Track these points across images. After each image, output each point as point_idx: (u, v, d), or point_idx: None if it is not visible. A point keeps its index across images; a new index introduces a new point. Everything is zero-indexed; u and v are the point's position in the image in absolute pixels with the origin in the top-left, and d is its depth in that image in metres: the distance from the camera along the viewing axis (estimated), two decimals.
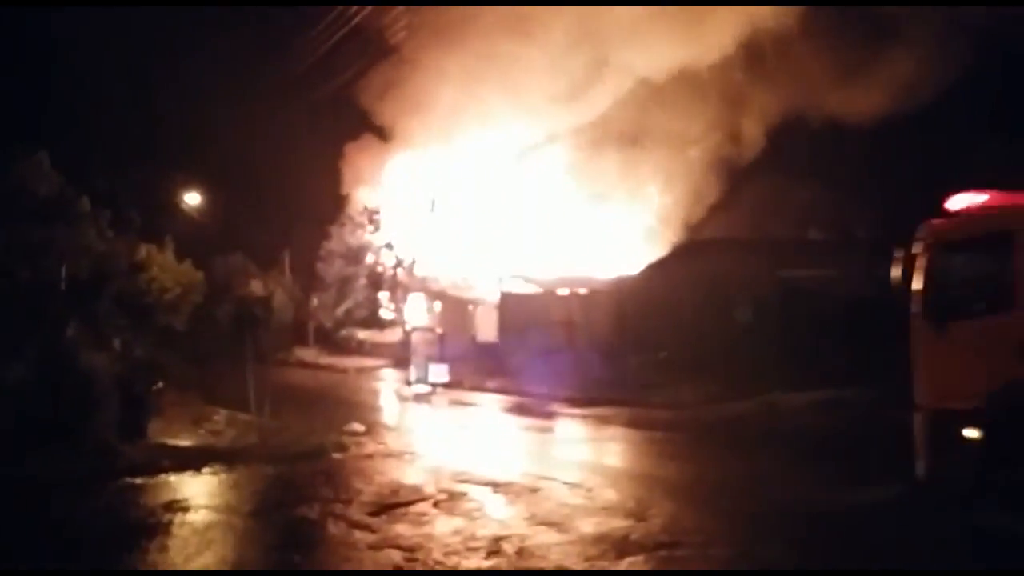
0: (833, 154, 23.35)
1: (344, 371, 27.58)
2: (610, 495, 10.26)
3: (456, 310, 27.32)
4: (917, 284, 9.67)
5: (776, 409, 16.38)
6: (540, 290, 24.54)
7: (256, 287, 36.33)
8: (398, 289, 31.99)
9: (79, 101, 31.52)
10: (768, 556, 7.98)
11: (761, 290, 20.75)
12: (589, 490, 10.50)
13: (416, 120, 28.75)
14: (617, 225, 26.93)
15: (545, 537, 8.67)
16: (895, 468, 11.15)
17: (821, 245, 22.66)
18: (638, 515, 9.30)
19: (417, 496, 10.35)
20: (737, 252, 22.03)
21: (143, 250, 20.59)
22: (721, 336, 19.84)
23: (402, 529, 9.04)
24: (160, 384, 16.31)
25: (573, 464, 12.45)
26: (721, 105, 24.68)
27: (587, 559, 7.90)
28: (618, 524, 8.99)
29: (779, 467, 11.99)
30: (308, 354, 31.70)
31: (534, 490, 10.56)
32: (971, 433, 9.03)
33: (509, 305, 24.79)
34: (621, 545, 8.32)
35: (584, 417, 16.73)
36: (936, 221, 9.82)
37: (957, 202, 9.82)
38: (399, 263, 31.60)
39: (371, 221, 32.51)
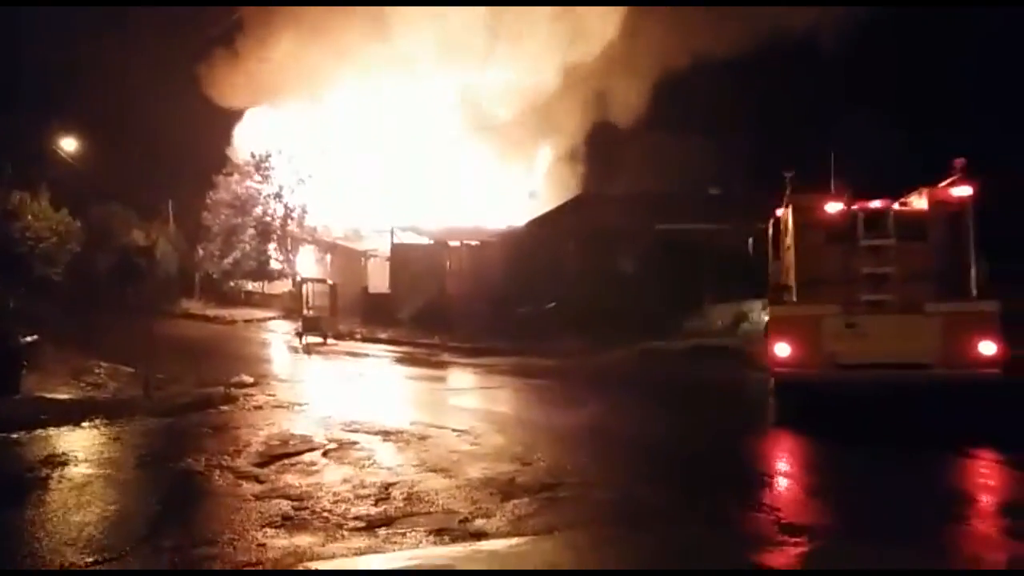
0: (710, 114, 24.14)
1: (232, 322, 27.07)
2: (497, 441, 10.55)
3: (347, 262, 27.10)
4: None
5: (652, 356, 17.05)
6: (431, 242, 24.56)
7: (138, 237, 35.21)
8: (288, 240, 31.41)
9: None
10: (645, 494, 8.41)
11: (642, 243, 21.39)
12: (477, 437, 10.76)
13: (308, 65, 28.08)
14: (506, 179, 27.12)
15: (433, 483, 8.87)
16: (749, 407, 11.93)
17: (699, 199, 23.40)
18: (523, 459, 9.60)
19: (306, 446, 10.39)
20: (620, 207, 22.56)
21: (15, 197, 19.68)
22: (604, 288, 20.41)
23: (291, 479, 9.09)
24: (36, 336, 15.75)
25: (462, 412, 12.72)
26: (601, 63, 25.02)
27: (474, 502, 8.14)
28: (504, 468, 9.26)
29: (651, 410, 12.54)
30: (194, 305, 30.94)
31: (423, 438, 10.76)
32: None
33: (400, 257, 24.74)
34: (507, 488, 8.59)
35: (474, 366, 17.00)
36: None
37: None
38: (288, 213, 30.97)
39: (259, 170, 31.67)
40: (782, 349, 10.85)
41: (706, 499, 8.16)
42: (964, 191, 10.83)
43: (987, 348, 10.22)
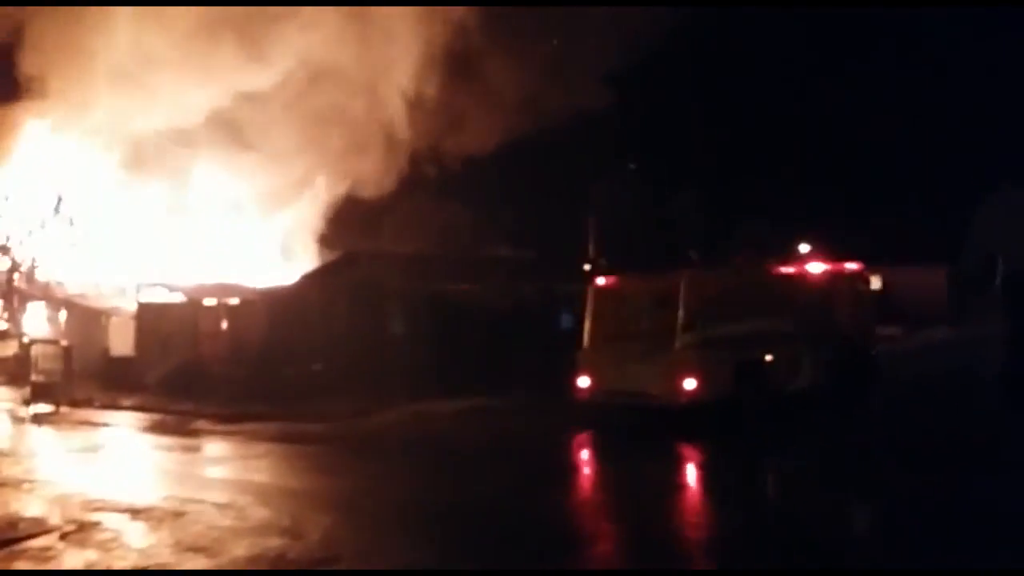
0: (470, 180, 24.93)
1: None
2: (263, 513, 9.88)
3: (85, 321, 24.73)
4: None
5: (423, 417, 16.93)
6: (184, 299, 23.05)
7: None
8: (14, 296, 28.28)
9: None
10: (425, 560, 8.18)
11: (412, 303, 21.37)
12: (240, 510, 10.03)
13: (40, 100, 25.82)
14: (264, 236, 26.24)
15: (193, 563, 8.16)
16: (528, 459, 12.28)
17: (465, 261, 23.83)
18: (293, 532, 9.07)
19: (39, 529, 9.23)
20: (389, 266, 22.45)
21: None
22: (374, 348, 20.09)
23: (22, 566, 8.02)
24: None
25: (221, 484, 11.88)
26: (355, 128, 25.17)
27: None
28: (273, 543, 8.69)
29: (422, 474, 12.38)
30: None
31: (179, 514, 9.87)
32: None
33: (148, 315, 22.94)
34: (278, 564, 8.08)
35: (232, 434, 15.97)
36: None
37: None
38: (15, 267, 27.95)
39: None
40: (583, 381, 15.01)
41: (489, 555, 8.13)
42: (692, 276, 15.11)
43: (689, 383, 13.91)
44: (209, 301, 22.47)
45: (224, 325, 21.89)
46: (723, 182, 27.66)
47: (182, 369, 20.34)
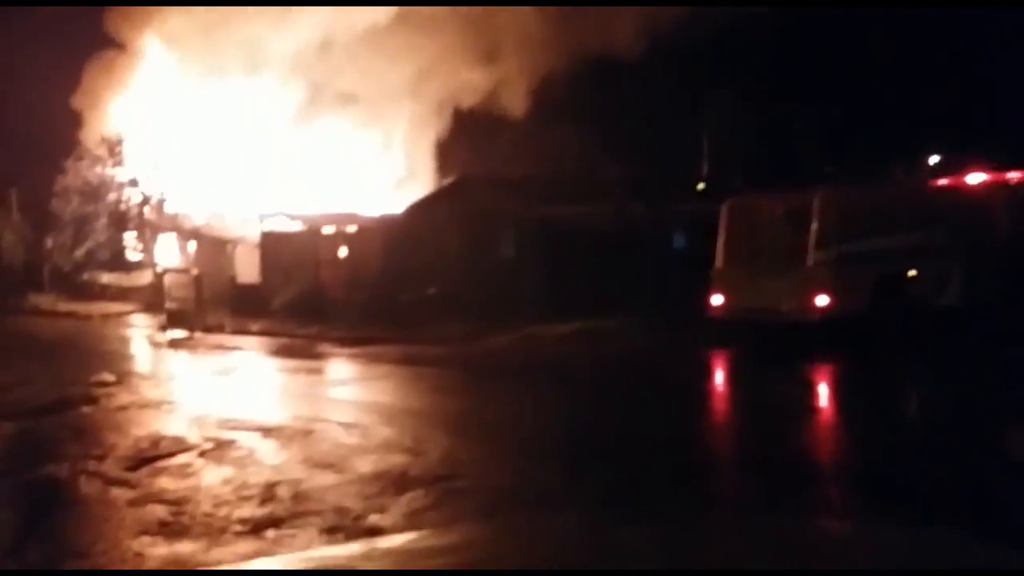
0: (587, 99, 24.35)
1: (88, 318, 25.45)
2: (386, 432, 10.23)
3: (213, 250, 25.85)
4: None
5: (536, 339, 17.06)
6: (304, 228, 23.75)
7: None
8: (146, 228, 29.76)
9: None
10: (541, 480, 8.32)
11: (523, 227, 21.37)
12: (364, 429, 10.41)
13: (161, 41, 26.63)
14: (382, 162, 26.57)
15: (321, 479, 8.52)
16: (635, 385, 12.22)
17: (577, 184, 23.58)
18: (415, 451, 9.35)
19: (180, 447, 9.80)
20: (500, 190, 22.45)
21: None
22: (486, 272, 20.29)
23: (166, 483, 8.55)
24: None
25: (346, 404, 12.32)
26: (471, 50, 24.88)
27: (366, 497, 7.85)
28: (395, 461, 9.00)
29: (538, 395, 12.53)
30: (45, 300, 28.94)
31: (307, 432, 10.32)
32: None
33: (271, 244, 23.79)
34: (400, 481, 8.34)
35: (354, 356, 16.54)
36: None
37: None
38: (146, 200, 29.35)
39: (112, 154, 29.86)
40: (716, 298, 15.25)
41: (612, 478, 8.17)
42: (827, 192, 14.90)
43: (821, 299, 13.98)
44: (328, 229, 23.10)
45: (343, 252, 22.51)
46: (844, 93, 26.21)
47: (304, 295, 21.06)
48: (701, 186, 24.94)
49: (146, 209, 29.41)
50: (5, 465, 9.54)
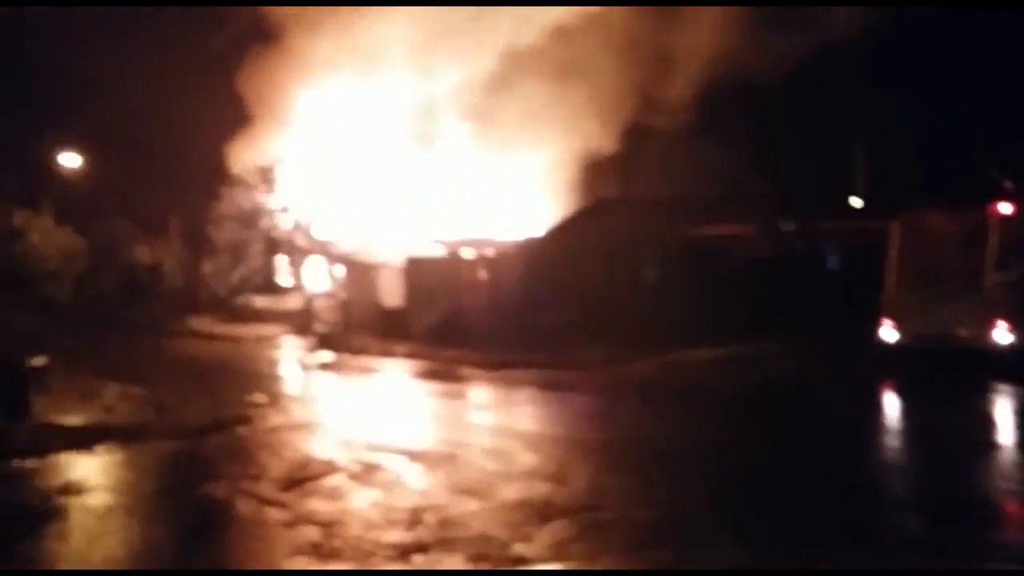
0: (730, 113, 23.63)
1: (241, 340, 26.60)
2: (529, 459, 10.10)
3: (359, 275, 26.59)
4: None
5: (681, 365, 16.60)
6: (446, 253, 24.13)
7: (143, 253, 34.88)
8: (296, 254, 30.99)
9: None
10: (689, 514, 7.99)
11: (666, 248, 20.97)
12: (507, 455, 10.31)
13: (314, 77, 27.75)
14: (521, 186, 26.72)
15: (467, 505, 8.46)
16: (793, 416, 11.59)
17: (720, 202, 22.98)
18: (558, 478, 9.18)
19: (330, 469, 9.96)
20: (642, 211, 22.15)
21: (18, 217, 19.32)
22: (627, 295, 19.97)
23: (317, 504, 8.68)
24: (44, 359, 15.34)
25: (488, 429, 12.27)
26: (617, 65, 24.59)
27: (510, 526, 7.73)
28: (539, 489, 8.84)
29: (686, 424, 12.11)
30: (202, 323, 30.45)
31: (451, 457, 10.31)
32: None
33: (415, 268, 24.27)
34: (544, 510, 8.17)
35: (495, 380, 16.54)
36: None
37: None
38: (297, 226, 30.59)
39: (266, 182, 31.30)
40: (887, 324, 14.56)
41: (764, 515, 7.76)
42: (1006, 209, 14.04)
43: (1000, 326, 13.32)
44: (469, 253, 23.37)
45: (483, 276, 22.70)
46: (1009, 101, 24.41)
47: (446, 318, 21.30)
48: (856, 202, 23.77)
49: (297, 235, 30.60)
50: (166, 483, 9.94)
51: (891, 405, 13.49)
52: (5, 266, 18.24)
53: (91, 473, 10.22)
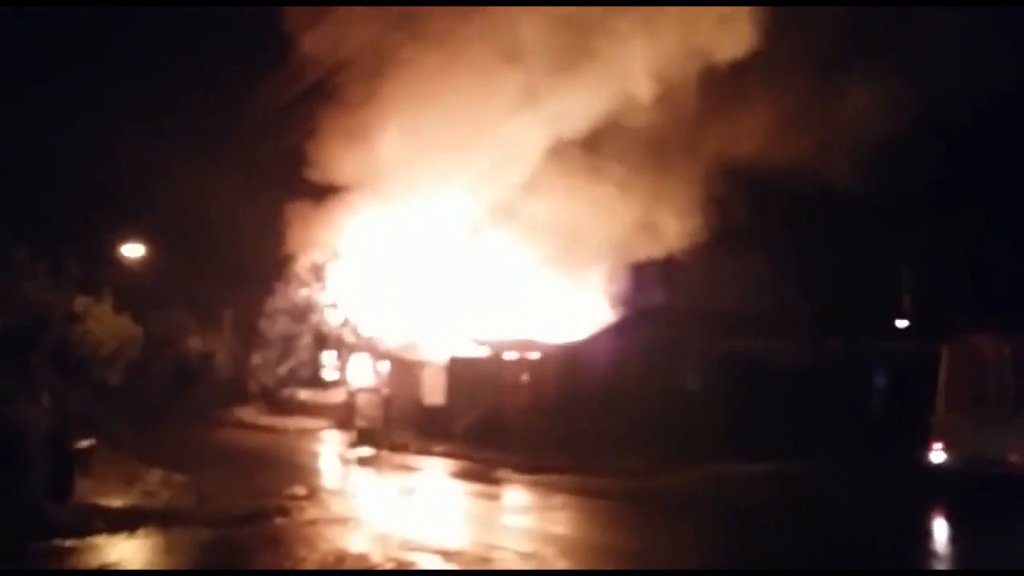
0: (771, 227, 23.79)
1: (284, 432, 26.86)
2: (563, 566, 10.02)
3: (402, 372, 26.87)
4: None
5: (720, 479, 16.34)
6: (489, 353, 24.32)
7: (195, 343, 35.66)
8: (343, 349, 31.44)
9: (16, 148, 30.90)
10: None
11: (707, 360, 20.89)
12: (542, 560, 10.24)
13: (366, 179, 28.66)
14: (565, 291, 26.98)
15: None
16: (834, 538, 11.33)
17: (762, 316, 22.94)
18: None
19: (364, 565, 9.98)
20: (683, 321, 22.17)
21: (80, 302, 19.96)
22: (667, 405, 19.81)
23: None
24: (92, 441, 15.67)
25: (523, 532, 12.18)
26: (658, 173, 25.03)
27: None
28: None
29: (721, 542, 11.88)
30: (247, 413, 30.85)
31: (485, 560, 10.26)
32: None
33: (457, 368, 24.49)
34: None
35: (532, 484, 16.45)
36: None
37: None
38: (345, 322, 31.14)
39: (318, 278, 32.07)
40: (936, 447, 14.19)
41: None
42: None
43: None
44: (511, 355, 23.52)
45: (525, 378, 22.79)
46: None
47: (486, 419, 21.33)
48: (903, 323, 23.57)
49: (344, 331, 31.09)
50: (203, 570, 10.00)
51: (939, 530, 13.09)
52: (62, 349, 18.74)
53: (129, 556, 10.34)
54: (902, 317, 24.21)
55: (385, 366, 28.56)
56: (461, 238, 28.04)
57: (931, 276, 23.97)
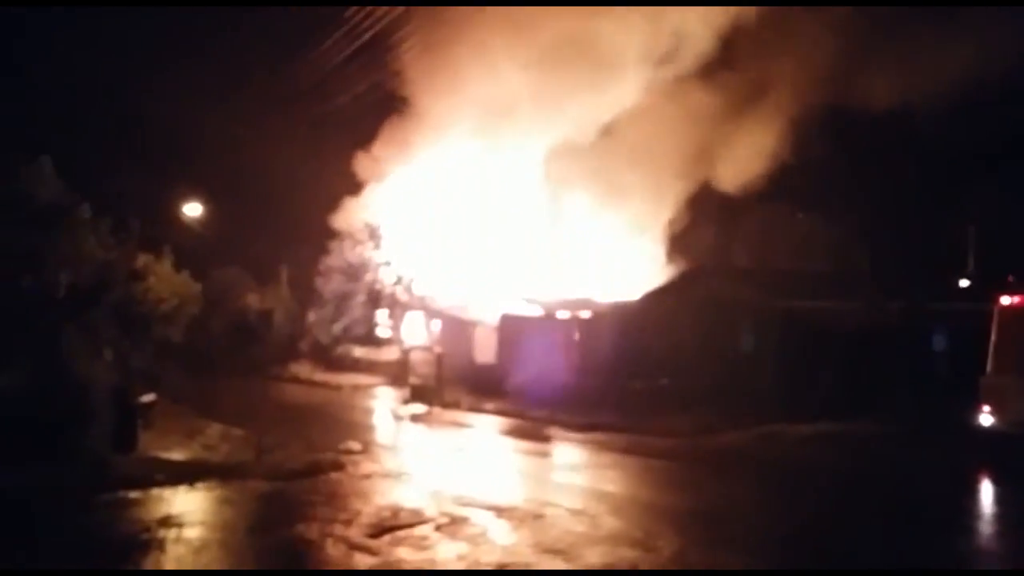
0: (833, 186, 23.22)
1: (339, 388, 27.30)
2: (614, 523, 10.05)
3: (455, 330, 27.06)
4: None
5: (773, 439, 16.22)
6: (541, 312, 24.32)
7: (253, 300, 36.33)
8: (396, 307, 31.73)
9: (82, 108, 31.54)
10: None
11: (761, 320, 20.60)
12: (593, 517, 10.30)
13: (420, 136, 28.67)
14: (619, 249, 26.80)
15: (551, 565, 8.50)
16: (882, 498, 11.18)
17: (821, 276, 22.53)
18: (645, 545, 9.11)
19: (418, 519, 10.14)
20: (738, 281, 21.90)
21: (141, 259, 20.39)
22: (721, 364, 19.67)
23: (404, 553, 8.84)
24: (153, 396, 16.11)
25: (575, 490, 12.24)
26: (720, 130, 24.49)
27: None
28: (625, 554, 8.81)
29: (776, 500, 11.83)
30: (303, 370, 31.39)
31: (537, 516, 10.35)
32: None
33: (509, 326, 24.55)
34: None
35: (583, 442, 16.50)
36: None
37: None
38: (398, 281, 31.39)
39: (372, 237, 32.32)
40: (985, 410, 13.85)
41: None
42: None
43: None
44: (563, 314, 23.50)
45: (576, 337, 22.77)
46: None
47: (538, 377, 21.38)
48: (965, 283, 22.97)
49: (398, 289, 31.34)
50: (261, 522, 10.26)
51: (986, 495, 12.83)
52: (124, 306, 19.18)
53: (189, 508, 10.64)
54: (965, 277, 23.59)
55: (438, 324, 28.78)
56: (515, 197, 27.95)
57: (996, 236, 23.24)
